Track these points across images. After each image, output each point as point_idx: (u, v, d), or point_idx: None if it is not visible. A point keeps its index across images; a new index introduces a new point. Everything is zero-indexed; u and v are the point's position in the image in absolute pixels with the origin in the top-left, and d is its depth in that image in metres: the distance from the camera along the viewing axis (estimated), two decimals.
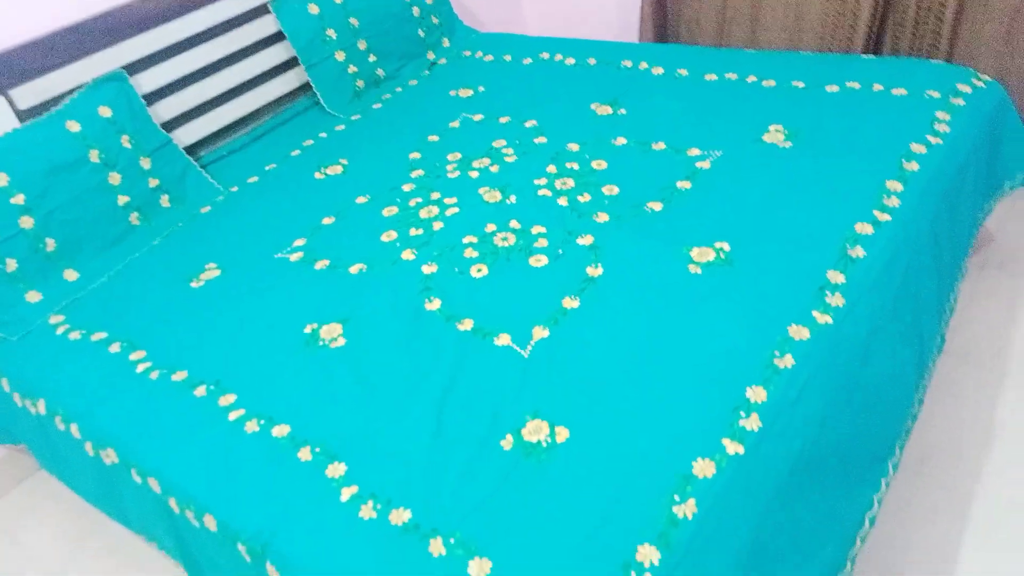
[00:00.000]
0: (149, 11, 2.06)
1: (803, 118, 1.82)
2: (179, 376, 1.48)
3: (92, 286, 1.82)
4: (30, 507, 2.02)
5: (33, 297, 1.78)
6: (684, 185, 1.71)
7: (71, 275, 1.84)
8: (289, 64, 2.40)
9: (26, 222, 1.77)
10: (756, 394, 1.17)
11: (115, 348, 1.61)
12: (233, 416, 1.36)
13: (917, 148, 1.63)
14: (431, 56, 2.61)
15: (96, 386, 1.52)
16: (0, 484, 2.07)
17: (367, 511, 1.13)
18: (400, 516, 1.11)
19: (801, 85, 1.97)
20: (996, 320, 1.93)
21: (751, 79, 2.05)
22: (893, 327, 1.34)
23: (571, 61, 2.38)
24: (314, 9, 2.34)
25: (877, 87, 1.87)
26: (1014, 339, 1.87)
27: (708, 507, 1.03)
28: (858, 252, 1.40)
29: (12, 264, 1.75)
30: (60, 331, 1.70)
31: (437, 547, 1.06)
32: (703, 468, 1.08)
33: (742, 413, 1.15)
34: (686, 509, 1.03)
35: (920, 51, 2.43)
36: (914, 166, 1.59)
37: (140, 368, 1.53)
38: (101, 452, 1.45)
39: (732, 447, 1.10)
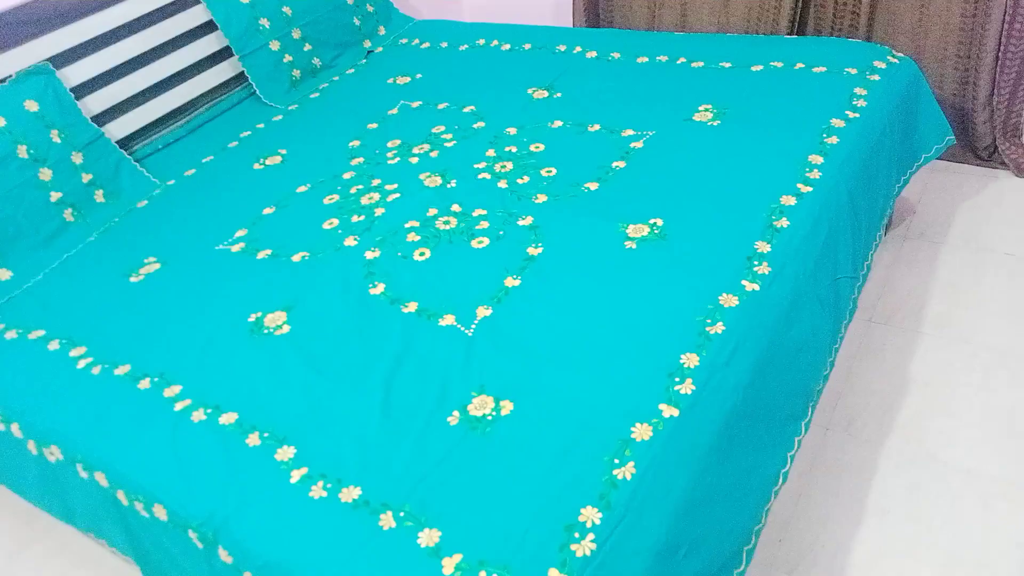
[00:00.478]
0: (73, 2, 2.02)
1: (730, 97, 1.89)
2: (122, 370, 1.48)
3: (27, 284, 1.79)
4: None
5: None
6: (619, 165, 1.75)
7: (4, 274, 1.80)
8: (222, 54, 2.37)
9: None
10: (690, 360, 1.23)
11: (54, 345, 1.58)
12: (179, 407, 1.36)
13: (837, 123, 1.71)
14: (367, 44, 2.61)
15: (36, 384, 1.51)
16: None
17: (317, 491, 1.16)
18: (350, 493, 1.14)
19: (728, 65, 2.04)
20: (915, 286, 2.03)
21: (681, 60, 2.11)
22: (813, 292, 1.41)
23: (507, 47, 2.41)
24: None
25: (799, 65, 1.95)
26: (930, 302, 1.97)
27: (646, 468, 1.09)
28: (783, 223, 1.47)
29: None
30: None
31: (387, 521, 1.09)
32: (641, 432, 1.13)
33: (677, 379, 1.20)
34: (625, 471, 1.08)
35: (841, 31, 2.53)
36: (834, 140, 1.66)
37: (81, 364, 1.52)
38: (44, 450, 1.43)
39: (668, 411, 1.15)
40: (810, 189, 1.54)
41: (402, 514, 1.09)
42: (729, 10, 2.67)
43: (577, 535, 1.01)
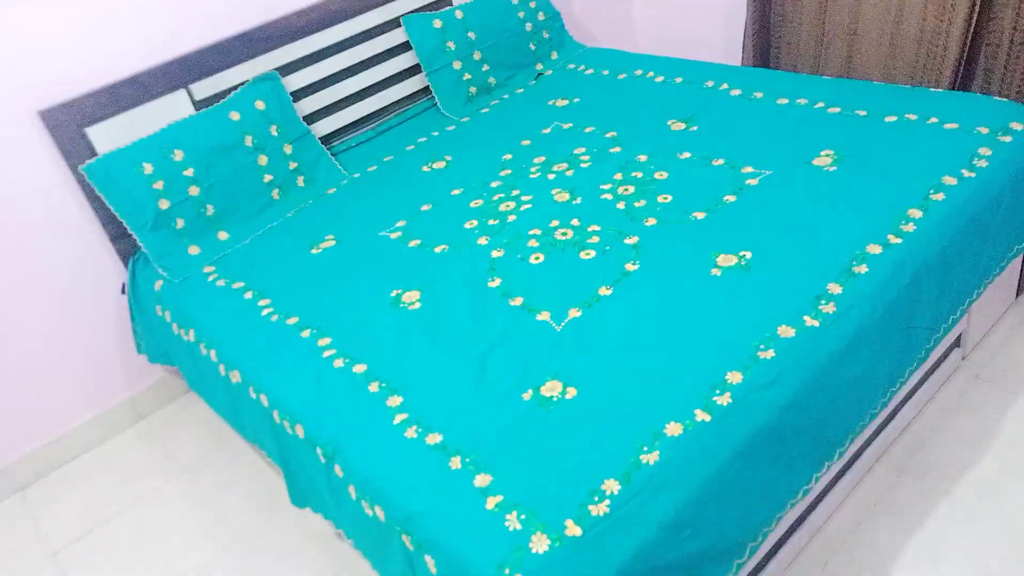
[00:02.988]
0: (300, 24, 2.50)
1: (855, 144, 1.98)
2: (292, 320, 1.88)
3: (237, 246, 2.27)
4: (179, 421, 2.51)
5: (194, 250, 2.24)
6: (730, 199, 1.92)
7: (223, 235, 2.29)
8: (413, 70, 2.78)
9: (193, 190, 2.23)
10: (734, 377, 1.40)
11: (248, 295, 2.03)
12: (327, 354, 1.73)
13: (949, 180, 1.76)
14: (539, 67, 2.91)
15: (232, 322, 1.95)
16: (158, 400, 2.58)
17: (411, 432, 1.46)
18: (434, 439, 1.43)
19: (863, 114, 2.11)
20: None
21: (819, 105, 2.21)
22: (877, 339, 1.50)
23: (660, 79, 2.61)
24: (438, 24, 2.70)
25: (932, 120, 1.99)
26: None
27: (668, 458, 1.28)
28: (862, 269, 1.58)
29: (180, 223, 2.22)
30: (210, 279, 2.15)
31: (456, 463, 1.37)
32: (673, 429, 1.32)
33: (717, 391, 1.38)
34: (650, 457, 1.28)
35: (1011, 87, 2.47)
36: (940, 196, 1.72)
37: (264, 312, 1.94)
38: (230, 373, 1.86)
39: (701, 415, 1.34)
40: (899, 241, 1.63)
41: (468, 460, 1.37)
42: (896, 57, 2.68)
43: (596, 499, 1.24)
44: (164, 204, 2.19)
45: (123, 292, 2.39)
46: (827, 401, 1.43)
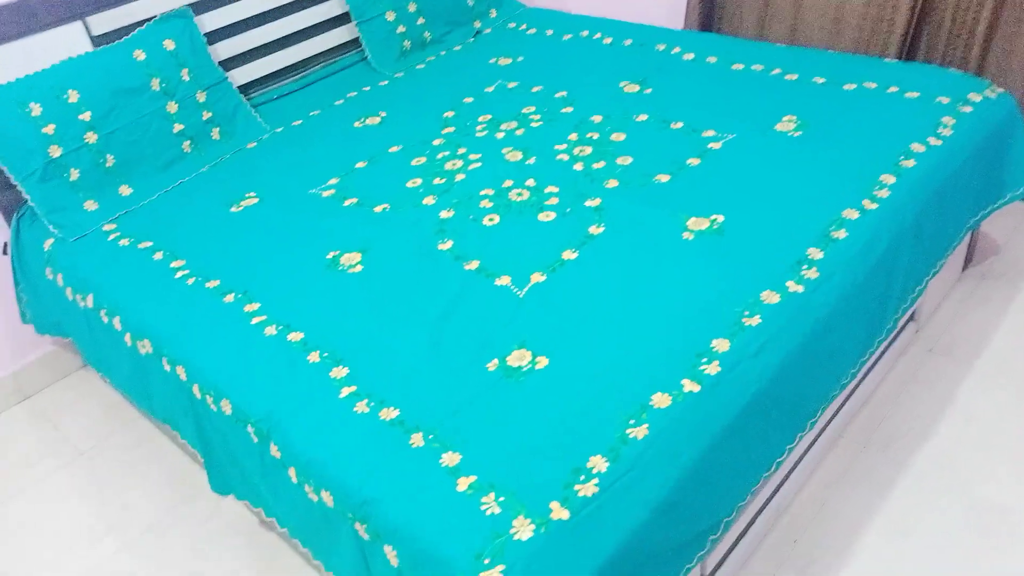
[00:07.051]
0: None
1: (817, 111, 1.91)
2: (212, 284, 1.65)
3: (143, 202, 2.00)
4: (72, 399, 2.22)
5: (90, 206, 1.96)
6: (693, 162, 1.81)
7: (126, 190, 2.01)
8: (342, 19, 2.55)
9: (90, 137, 1.95)
10: (720, 345, 1.29)
11: (158, 256, 1.78)
12: (255, 321, 1.52)
13: (916, 147, 1.72)
14: (477, 24, 2.74)
15: (139, 286, 1.70)
16: (48, 376, 2.28)
17: (361, 407, 1.28)
18: (389, 413, 1.26)
19: (821, 81, 2.05)
20: (984, 323, 2.01)
21: (776, 71, 2.14)
22: (857, 305, 1.44)
23: (608, 40, 2.49)
24: None
25: (892, 89, 1.95)
26: (994, 340, 1.95)
27: (657, 432, 1.16)
28: (841, 234, 1.50)
29: (75, 174, 1.94)
30: (111, 238, 1.88)
31: (417, 440, 1.20)
32: (660, 400, 1.20)
33: (704, 359, 1.27)
34: (638, 432, 1.16)
35: (952, 60, 2.49)
36: (910, 163, 1.67)
37: (179, 275, 1.70)
38: (138, 342, 1.62)
39: (689, 386, 1.22)
40: (875, 206, 1.57)
41: (431, 436, 1.20)
42: (840, 28, 2.66)
43: (583, 478, 1.10)
44: (56, 151, 1.90)
45: (4, 252, 2.08)
46: (809, 369, 1.35)
